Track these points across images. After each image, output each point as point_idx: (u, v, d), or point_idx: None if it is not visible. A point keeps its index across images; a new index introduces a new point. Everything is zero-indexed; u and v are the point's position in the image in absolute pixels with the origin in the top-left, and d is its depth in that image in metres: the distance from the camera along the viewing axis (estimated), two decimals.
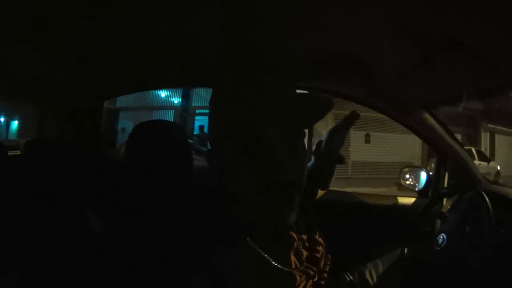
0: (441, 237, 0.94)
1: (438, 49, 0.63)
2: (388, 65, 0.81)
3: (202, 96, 8.71)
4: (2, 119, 9.73)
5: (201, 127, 8.00)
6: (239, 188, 0.52)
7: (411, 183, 1.49)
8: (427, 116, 1.17)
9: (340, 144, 0.83)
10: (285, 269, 0.56)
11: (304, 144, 0.54)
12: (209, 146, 0.59)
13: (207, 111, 0.58)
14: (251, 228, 0.55)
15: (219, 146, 0.54)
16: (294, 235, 0.63)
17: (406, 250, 1.07)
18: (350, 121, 0.76)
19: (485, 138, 9.58)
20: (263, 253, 0.54)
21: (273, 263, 0.54)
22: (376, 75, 0.88)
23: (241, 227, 0.55)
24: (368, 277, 1.08)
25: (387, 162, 8.08)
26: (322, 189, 0.93)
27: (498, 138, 9.78)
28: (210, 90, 0.62)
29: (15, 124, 9.44)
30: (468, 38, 0.57)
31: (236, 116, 0.49)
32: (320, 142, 0.86)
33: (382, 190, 6.74)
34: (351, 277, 1.08)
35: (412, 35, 0.60)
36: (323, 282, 0.64)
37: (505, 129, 9.60)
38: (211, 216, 0.57)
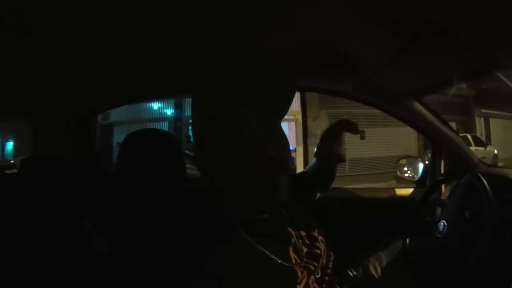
0: (442, 224, 0.93)
1: (418, 34, 0.63)
2: (370, 56, 0.81)
3: None
4: None
5: None
6: (225, 176, 0.54)
7: (409, 175, 1.49)
8: (416, 105, 1.17)
9: (339, 145, 0.89)
10: (285, 264, 0.55)
11: (280, 127, 0.59)
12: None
13: None
14: (243, 222, 0.56)
15: (203, 140, 0.57)
16: (292, 231, 0.63)
17: (408, 241, 1.07)
18: (342, 127, 0.88)
19: (479, 123, 9.63)
20: (264, 250, 0.54)
21: (273, 258, 0.54)
22: (359, 68, 0.88)
23: (232, 222, 0.56)
24: (372, 271, 1.08)
25: (384, 156, 8.04)
26: (322, 192, 0.94)
27: (492, 122, 9.85)
28: None
29: (10, 145, 9.34)
30: (441, 18, 0.57)
31: (216, 106, 0.53)
32: (319, 145, 0.90)
33: (381, 185, 6.74)
34: (354, 273, 1.07)
35: (388, 23, 0.60)
36: (326, 278, 0.63)
37: (498, 112, 9.66)
38: (203, 218, 0.57)
